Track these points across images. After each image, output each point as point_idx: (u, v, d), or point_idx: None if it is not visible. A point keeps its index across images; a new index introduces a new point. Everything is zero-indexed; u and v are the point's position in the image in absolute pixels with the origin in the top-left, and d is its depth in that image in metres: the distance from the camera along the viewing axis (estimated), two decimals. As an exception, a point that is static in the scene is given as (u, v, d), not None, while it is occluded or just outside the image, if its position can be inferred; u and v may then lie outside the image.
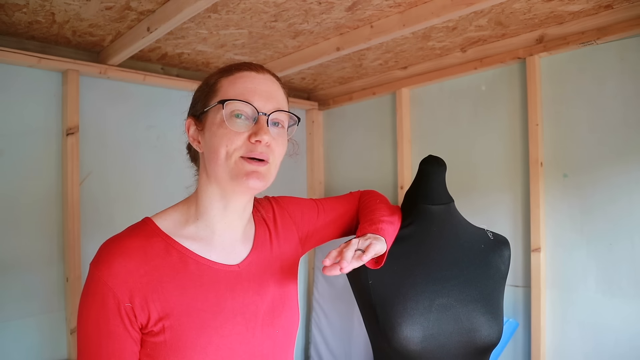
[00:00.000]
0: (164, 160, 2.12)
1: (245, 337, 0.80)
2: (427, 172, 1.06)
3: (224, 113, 0.77)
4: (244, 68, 0.82)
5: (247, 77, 0.81)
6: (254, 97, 0.79)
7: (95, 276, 0.74)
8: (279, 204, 1.00)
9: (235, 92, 0.79)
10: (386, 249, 0.89)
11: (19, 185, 1.74)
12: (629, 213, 1.60)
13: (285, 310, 0.89)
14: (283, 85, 0.88)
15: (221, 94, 0.80)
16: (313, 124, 2.81)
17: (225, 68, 0.85)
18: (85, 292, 0.76)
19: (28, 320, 1.74)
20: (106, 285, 0.73)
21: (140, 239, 0.78)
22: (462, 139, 2.12)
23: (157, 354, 0.75)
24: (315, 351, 2.63)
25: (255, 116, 0.78)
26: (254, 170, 0.77)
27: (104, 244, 0.77)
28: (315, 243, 1.04)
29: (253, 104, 0.78)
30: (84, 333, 0.75)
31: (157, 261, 0.76)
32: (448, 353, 0.93)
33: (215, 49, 1.93)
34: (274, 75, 0.86)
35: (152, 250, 0.77)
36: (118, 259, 0.74)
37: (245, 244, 0.88)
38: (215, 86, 0.82)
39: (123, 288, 0.73)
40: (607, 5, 1.55)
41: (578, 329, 1.72)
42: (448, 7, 1.45)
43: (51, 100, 1.82)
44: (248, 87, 0.80)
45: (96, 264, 0.75)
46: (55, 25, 1.64)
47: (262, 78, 0.82)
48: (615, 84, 1.64)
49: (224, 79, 0.82)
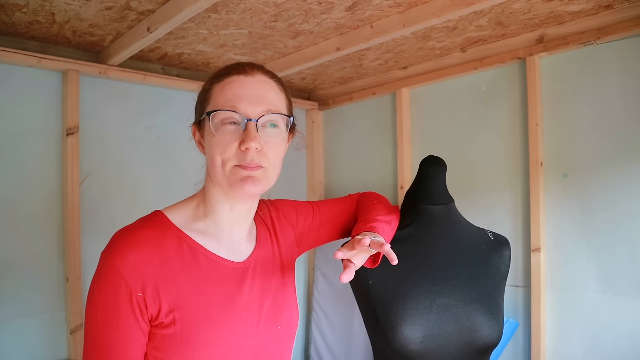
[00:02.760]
0: (163, 160, 2.12)
1: (250, 332, 0.82)
2: (427, 172, 1.06)
3: (211, 125, 0.78)
4: (232, 72, 0.82)
5: (234, 82, 0.81)
6: (241, 103, 0.79)
7: (107, 265, 0.74)
8: (275, 207, 1.02)
9: (224, 99, 0.79)
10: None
11: (19, 185, 1.74)
12: (629, 213, 1.60)
13: (287, 307, 0.91)
14: (279, 82, 0.87)
15: (212, 101, 0.81)
16: (313, 124, 2.81)
17: (216, 73, 0.85)
18: (95, 280, 0.75)
19: (28, 320, 1.74)
20: (119, 274, 0.73)
21: (154, 230, 0.79)
22: (462, 139, 2.12)
23: (166, 346, 0.76)
24: (315, 351, 2.63)
25: (243, 122, 0.78)
26: (248, 175, 0.78)
27: (116, 233, 0.78)
28: (311, 243, 1.06)
29: (239, 111, 0.78)
30: (92, 322, 0.74)
31: (169, 253, 0.78)
32: (448, 353, 0.93)
33: (215, 49, 1.93)
34: (267, 73, 0.85)
35: (165, 242, 0.78)
36: (132, 248, 0.75)
37: (249, 242, 0.90)
38: (208, 93, 0.83)
39: (136, 278, 0.73)
40: (607, 5, 1.55)
41: (578, 329, 1.72)
42: (448, 7, 1.45)
43: (51, 100, 1.82)
44: (235, 92, 0.79)
45: (109, 252, 0.75)
46: (55, 25, 1.64)
47: (251, 81, 0.81)
48: (616, 84, 1.64)
49: (215, 85, 0.82)
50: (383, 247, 0.75)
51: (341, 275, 0.74)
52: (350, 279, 0.75)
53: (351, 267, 0.76)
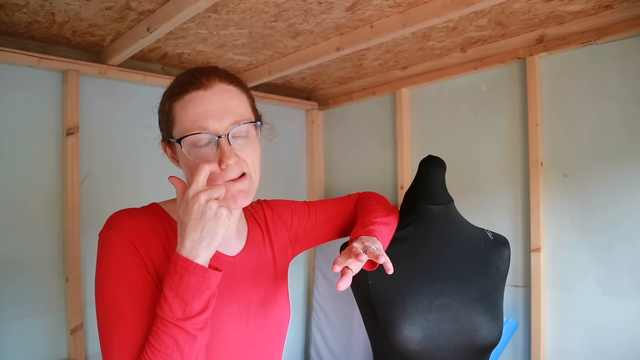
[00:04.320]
0: (163, 160, 2.11)
1: (239, 325, 0.84)
2: (427, 172, 1.06)
3: (184, 149, 0.78)
4: (190, 88, 0.79)
5: (195, 100, 0.78)
6: (207, 121, 0.76)
7: (110, 236, 0.75)
8: (269, 207, 1.02)
9: (189, 121, 0.77)
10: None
11: (19, 185, 1.74)
12: (629, 213, 1.60)
13: (277, 305, 0.92)
14: (237, 84, 0.84)
15: (177, 122, 0.79)
16: (313, 124, 2.81)
17: (173, 89, 0.82)
18: (101, 255, 0.75)
19: (28, 320, 1.74)
20: (126, 239, 0.74)
21: (150, 215, 0.81)
22: (462, 139, 2.12)
23: None
24: (315, 351, 2.63)
25: (215, 140, 0.77)
26: (239, 190, 0.79)
27: (113, 214, 0.79)
28: (307, 243, 1.06)
29: (207, 130, 0.76)
30: (108, 294, 0.73)
31: (164, 237, 0.79)
32: (448, 353, 0.93)
33: (215, 49, 1.93)
34: (224, 80, 0.82)
35: (160, 227, 0.80)
36: (132, 222, 0.77)
37: (239, 239, 0.92)
38: (170, 113, 0.81)
39: (141, 244, 0.75)
40: (607, 5, 1.55)
41: (578, 329, 1.72)
42: (448, 7, 1.45)
43: (51, 100, 1.82)
44: (198, 111, 0.77)
45: (109, 228, 0.76)
46: (55, 25, 1.64)
47: (211, 94, 0.78)
48: (615, 84, 1.64)
49: (175, 103, 0.80)
50: (379, 258, 0.76)
51: (338, 283, 0.75)
52: (347, 287, 0.76)
53: (348, 274, 0.76)
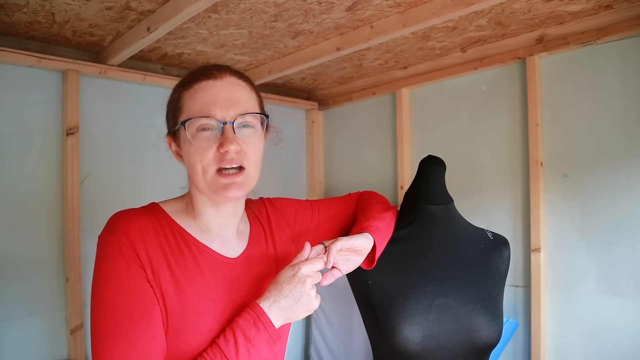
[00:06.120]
0: (163, 160, 2.10)
1: None
2: (427, 172, 1.06)
3: (187, 133, 0.79)
4: (201, 78, 0.81)
5: (205, 88, 0.80)
6: (215, 108, 0.79)
7: (110, 240, 0.75)
8: (272, 205, 1.02)
9: (196, 106, 0.79)
10: (373, 245, 0.91)
11: (19, 185, 1.74)
12: (629, 213, 1.60)
13: None
14: (247, 81, 0.86)
15: (185, 110, 0.81)
16: (313, 124, 2.81)
17: (184, 80, 0.84)
18: (99, 259, 0.75)
19: (28, 320, 1.74)
20: (125, 245, 0.74)
21: (150, 216, 0.80)
22: (462, 139, 2.12)
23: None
24: (315, 351, 2.63)
25: (220, 127, 0.79)
26: (230, 182, 0.79)
27: (113, 215, 0.79)
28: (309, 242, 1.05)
29: (214, 116, 0.78)
30: (106, 299, 0.72)
31: (163, 240, 0.79)
32: (448, 353, 0.93)
33: (215, 49, 1.93)
34: (235, 74, 0.85)
35: (160, 228, 0.80)
36: (132, 224, 0.76)
37: (240, 240, 0.91)
38: (179, 102, 0.83)
39: (141, 247, 0.75)
40: (607, 5, 1.55)
41: (578, 329, 1.72)
42: (448, 7, 1.45)
43: (51, 100, 1.82)
44: (207, 98, 0.79)
45: (109, 230, 0.76)
46: (55, 25, 1.64)
47: (221, 85, 0.81)
48: (615, 84, 1.64)
49: (184, 92, 0.82)
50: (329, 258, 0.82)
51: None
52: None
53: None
